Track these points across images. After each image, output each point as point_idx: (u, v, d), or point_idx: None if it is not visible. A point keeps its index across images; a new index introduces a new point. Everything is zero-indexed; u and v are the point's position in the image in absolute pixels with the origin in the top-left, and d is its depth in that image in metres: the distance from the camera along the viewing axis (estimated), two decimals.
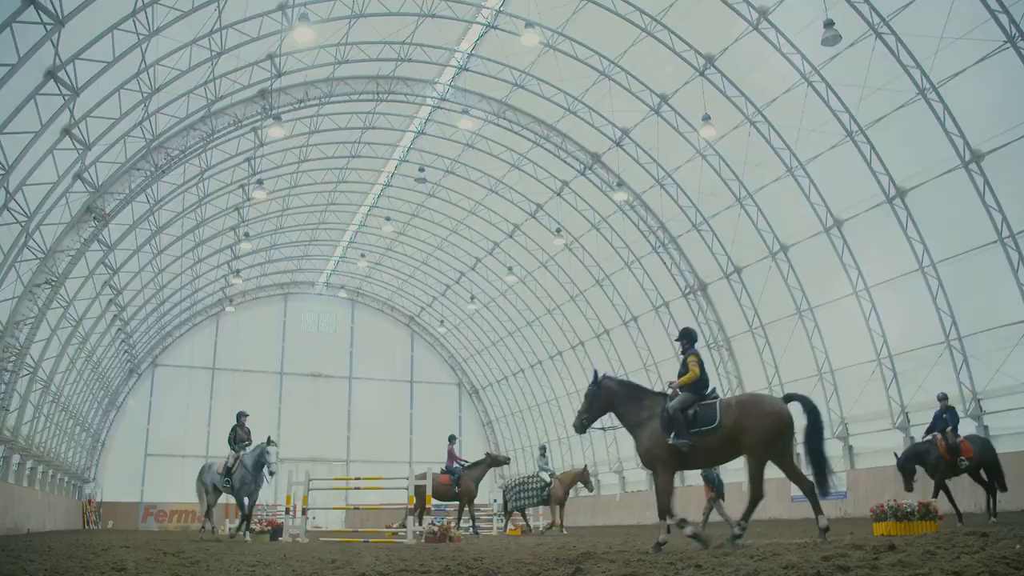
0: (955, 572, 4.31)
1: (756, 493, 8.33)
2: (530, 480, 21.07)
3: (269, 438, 15.72)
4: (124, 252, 27.15)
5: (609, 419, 9.00)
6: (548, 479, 20.65)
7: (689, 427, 8.09)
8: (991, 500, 14.12)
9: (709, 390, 8.52)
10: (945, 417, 13.86)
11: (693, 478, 31.10)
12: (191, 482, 17.43)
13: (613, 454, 35.91)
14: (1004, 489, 13.95)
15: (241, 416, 16.80)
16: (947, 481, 13.62)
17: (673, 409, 8.22)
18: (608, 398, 8.85)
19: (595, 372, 9.08)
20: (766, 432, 7.94)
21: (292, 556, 9.05)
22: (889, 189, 20.83)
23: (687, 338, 8.90)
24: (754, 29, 20.80)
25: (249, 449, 16.08)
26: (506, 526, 22.29)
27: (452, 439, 20.19)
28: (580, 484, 21.01)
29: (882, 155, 20.72)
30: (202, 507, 17.20)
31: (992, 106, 18.11)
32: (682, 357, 8.72)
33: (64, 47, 16.06)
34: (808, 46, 20.15)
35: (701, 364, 8.56)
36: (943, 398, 14.17)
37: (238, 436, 16.57)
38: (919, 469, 13.97)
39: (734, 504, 13.56)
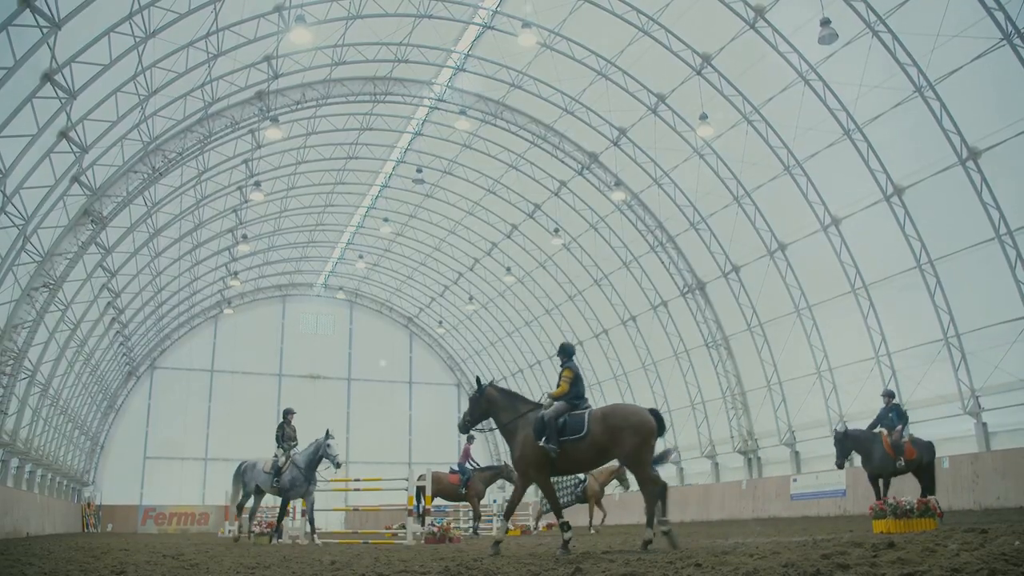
0: (954, 569, 4.32)
1: (652, 493, 8.51)
2: (565, 478, 20.40)
3: (328, 431, 15.25)
4: (122, 255, 27.12)
5: (490, 421, 9.55)
6: (583, 476, 20.06)
7: (559, 435, 8.62)
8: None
9: (583, 403, 8.98)
10: (891, 416, 13.80)
11: (680, 478, 31.16)
12: (190, 484, 17.24)
13: None
14: (932, 494, 13.64)
15: (288, 414, 16.00)
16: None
17: (547, 417, 8.76)
18: (489, 404, 9.36)
19: (478, 379, 9.67)
20: (632, 439, 8.38)
21: (292, 558, 9.05)
22: (886, 187, 20.85)
23: (564, 353, 9.39)
24: (751, 28, 20.81)
25: (301, 448, 15.46)
26: (536, 525, 21.80)
27: (471, 439, 20.06)
28: (615, 481, 20.37)
29: (879, 153, 20.74)
30: (233, 506, 16.53)
31: (989, 103, 18.14)
32: (559, 370, 9.22)
33: (61, 50, 16.03)
34: (805, 44, 20.18)
35: (574, 379, 9.03)
36: (889, 395, 14.18)
37: (286, 434, 15.68)
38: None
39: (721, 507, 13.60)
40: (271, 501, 32.87)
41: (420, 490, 15.55)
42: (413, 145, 31.68)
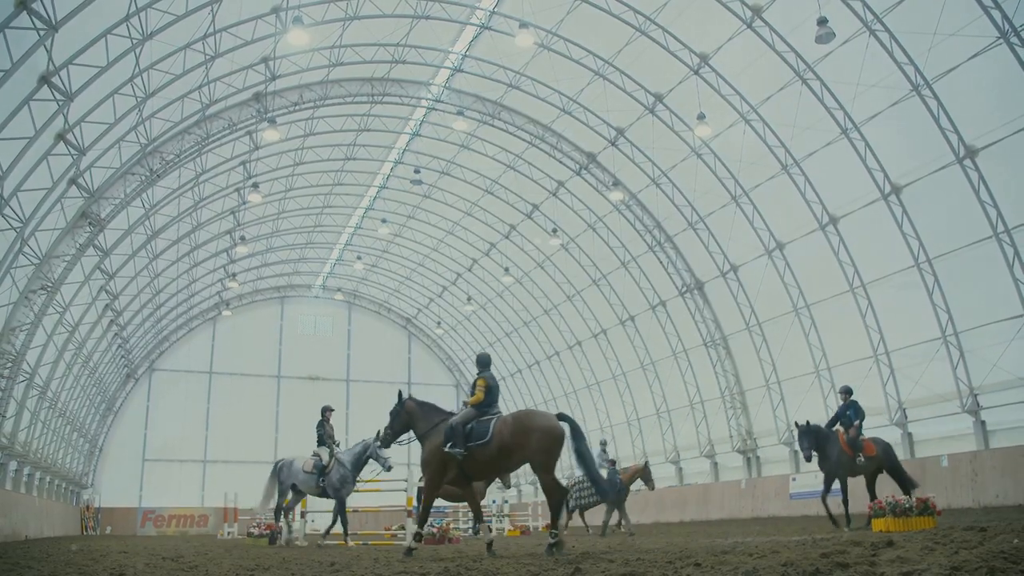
0: (953, 567, 4.32)
1: (556, 497, 8.83)
2: (587, 479, 20.28)
3: (378, 433, 14.94)
4: (120, 257, 27.10)
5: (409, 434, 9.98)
6: (607, 476, 19.47)
7: (466, 440, 8.98)
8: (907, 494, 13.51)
9: (492, 410, 9.27)
10: (848, 414, 13.32)
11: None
12: (189, 486, 16.99)
13: (612, 453, 35.86)
14: (915, 486, 13.36)
15: (327, 411, 15.60)
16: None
17: (454, 423, 9.14)
18: (408, 416, 9.79)
19: (399, 393, 10.05)
20: (539, 445, 8.61)
21: (291, 560, 9.04)
22: (884, 186, 20.87)
23: (479, 364, 9.73)
24: (748, 27, 20.83)
25: (346, 447, 15.18)
26: (565, 524, 21.43)
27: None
28: (641, 481, 19.60)
29: (877, 152, 20.76)
30: (265, 507, 16.10)
31: (986, 102, 18.15)
32: (473, 380, 9.61)
33: (58, 52, 16.01)
34: (802, 44, 20.20)
35: (487, 387, 9.33)
36: (846, 392, 13.70)
37: (327, 432, 15.29)
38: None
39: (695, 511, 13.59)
40: (255, 501, 32.85)
41: (420, 491, 15.53)
42: (411, 146, 31.67)
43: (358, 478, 15.22)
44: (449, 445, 8.99)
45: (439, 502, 20.23)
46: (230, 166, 28.42)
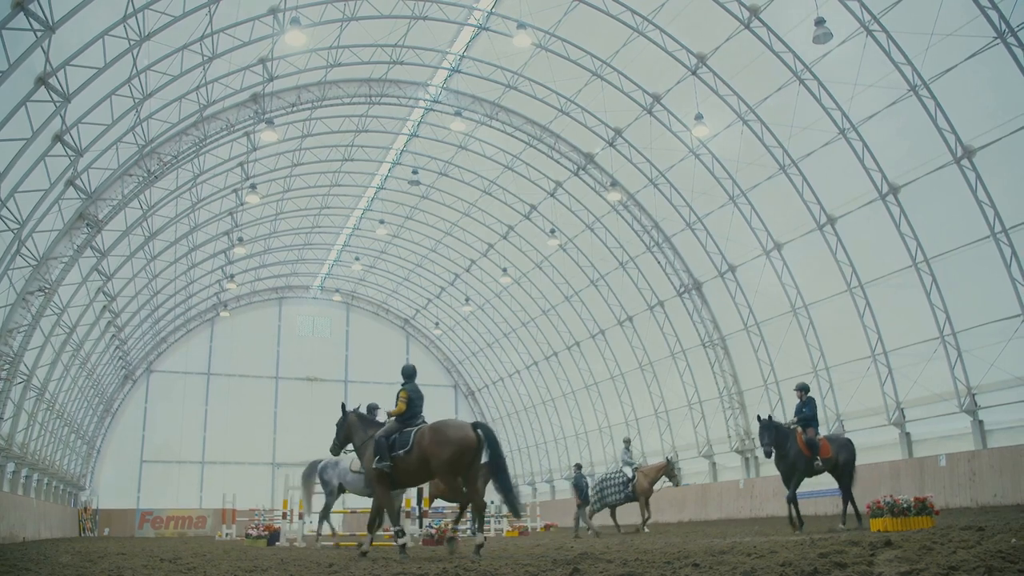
0: (951, 567, 4.32)
1: (477, 503, 9.30)
2: (613, 476, 19.93)
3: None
4: (118, 258, 27.07)
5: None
6: (631, 474, 19.55)
7: (391, 451, 9.44)
8: (846, 505, 13.34)
9: (415, 421, 9.69)
10: (805, 411, 12.99)
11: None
12: (187, 488, 16.77)
13: (610, 453, 35.91)
14: (850, 495, 13.19)
15: (374, 409, 14.88)
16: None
17: (379, 436, 9.64)
18: (349, 428, 10.32)
19: (343, 406, 10.60)
20: (450, 454, 8.96)
21: (290, 561, 9.03)
22: (882, 185, 20.88)
23: (404, 375, 10.19)
24: (746, 27, 20.84)
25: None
26: (587, 526, 21.11)
27: None
28: (665, 478, 19.66)
29: (874, 152, 20.78)
30: (308, 507, 15.60)
31: (983, 102, 18.18)
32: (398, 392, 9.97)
33: (55, 53, 15.99)
34: (799, 44, 20.22)
35: (409, 399, 9.77)
36: (803, 388, 13.39)
37: None
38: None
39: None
40: (267, 505, 32.77)
41: (420, 492, 15.54)
42: (409, 147, 31.66)
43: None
44: (377, 459, 9.47)
45: (438, 503, 20.27)
46: (228, 167, 28.40)
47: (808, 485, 23.49)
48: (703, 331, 29.12)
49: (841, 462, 12.93)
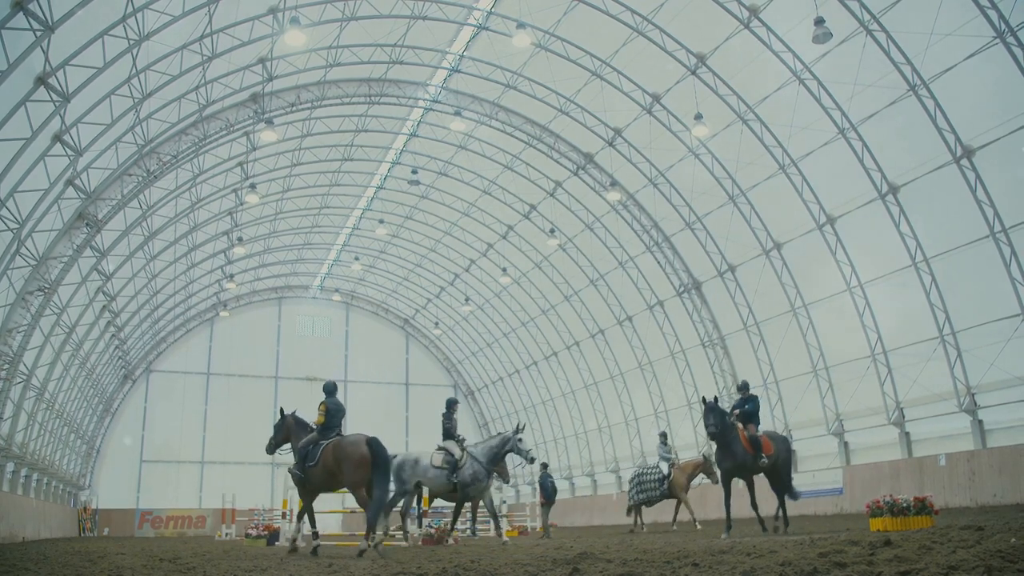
0: (951, 566, 4.32)
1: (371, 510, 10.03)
2: (649, 472, 19.45)
3: (519, 426, 14.31)
4: (117, 258, 27.06)
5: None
6: (667, 470, 19.00)
7: (305, 461, 10.44)
8: (783, 505, 12.77)
9: (331, 433, 10.52)
10: (747, 408, 12.43)
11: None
12: (187, 488, 16.51)
13: (609, 453, 35.94)
14: (784, 495, 12.62)
15: (453, 404, 14.84)
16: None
17: (300, 445, 10.65)
18: (287, 431, 11.12)
19: (281, 410, 11.38)
20: (347, 468, 10.00)
21: (289, 561, 9.03)
22: (881, 185, 20.89)
23: (325, 390, 11.02)
24: (745, 27, 20.84)
25: (477, 441, 14.61)
26: (636, 523, 20.30)
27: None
28: (703, 475, 19.27)
29: (874, 151, 20.78)
30: (389, 509, 14.95)
31: (983, 101, 18.19)
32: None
33: (54, 53, 15.98)
34: (799, 44, 20.21)
35: (327, 411, 10.58)
36: (743, 387, 12.90)
37: (454, 426, 14.48)
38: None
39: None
40: (267, 505, 32.78)
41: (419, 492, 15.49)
42: (408, 146, 31.65)
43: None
44: (293, 466, 10.62)
45: (438, 502, 20.27)
46: (227, 167, 28.39)
47: (806, 485, 23.65)
48: (703, 331, 29.12)
49: (780, 460, 12.39)
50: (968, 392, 20.08)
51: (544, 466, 20.70)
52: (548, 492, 18.66)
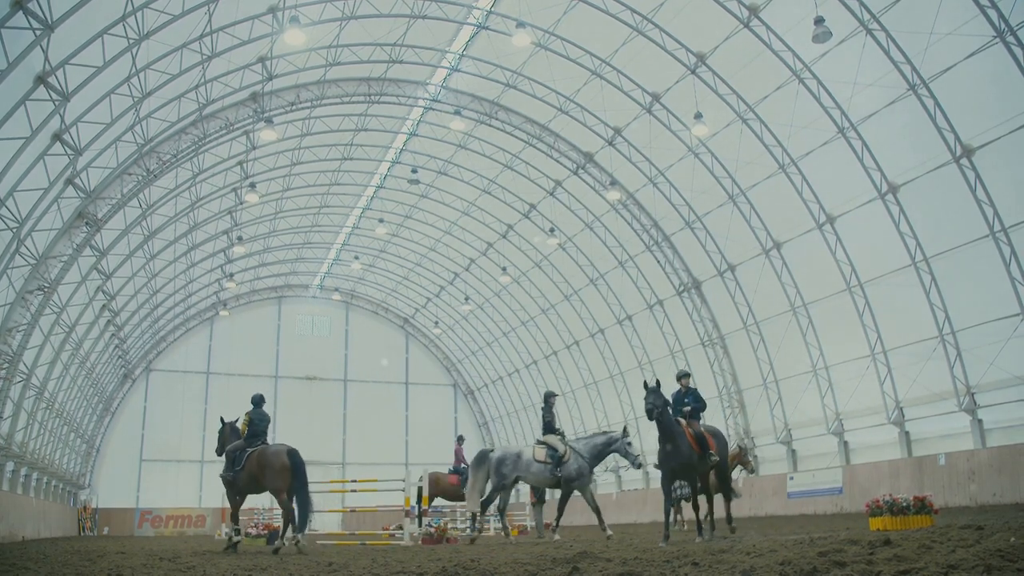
0: (950, 566, 4.33)
1: (286, 512, 11.32)
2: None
3: (626, 428, 14.21)
4: (117, 257, 27.04)
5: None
6: None
7: (233, 465, 11.71)
8: (728, 503, 12.10)
9: (257, 441, 11.75)
10: (687, 401, 11.43)
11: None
12: (187, 487, 16.40)
13: None
14: (728, 495, 11.92)
15: (551, 397, 14.70)
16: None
17: (229, 450, 11.97)
18: (225, 436, 12.54)
19: (221, 419, 12.75)
20: (269, 475, 11.30)
21: (289, 560, 9.03)
22: (881, 185, 20.89)
23: (252, 401, 12.21)
24: (745, 27, 20.84)
25: (579, 436, 14.42)
26: (675, 520, 19.07)
27: (461, 440, 19.91)
28: (739, 466, 18.44)
29: (874, 151, 20.78)
30: (475, 501, 14.48)
31: (982, 101, 18.18)
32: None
33: (54, 52, 15.97)
34: (799, 43, 20.21)
35: (250, 421, 11.85)
36: (684, 376, 11.98)
37: (554, 420, 14.29)
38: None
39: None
40: (266, 504, 32.80)
41: (420, 491, 15.52)
42: (408, 146, 31.65)
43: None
44: (224, 469, 11.89)
45: (438, 502, 20.30)
46: (227, 166, 28.38)
47: (806, 485, 23.67)
48: (702, 330, 29.12)
49: (721, 456, 11.51)
50: (968, 391, 20.09)
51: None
52: (539, 491, 18.44)
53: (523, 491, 43.05)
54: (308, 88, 25.48)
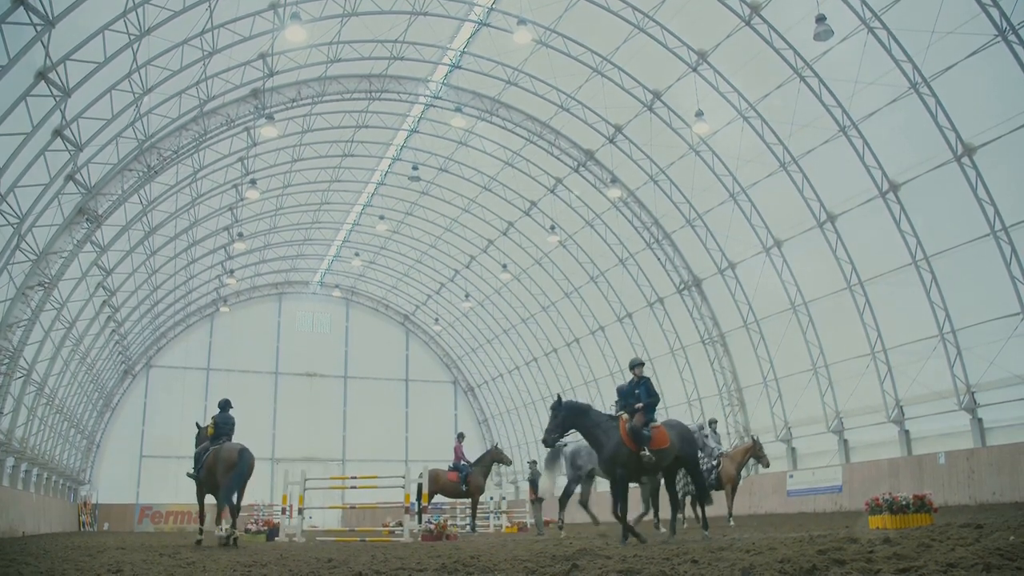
0: (950, 564, 4.33)
1: (231, 507, 12.08)
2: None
3: (711, 421, 14.08)
4: (117, 253, 27.04)
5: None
6: (716, 461, 17.90)
7: (196, 464, 12.75)
8: (701, 508, 11.07)
9: (218, 442, 12.59)
10: (637, 394, 10.30)
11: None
12: (187, 483, 16.34)
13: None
14: (702, 501, 10.95)
15: (227, 405, 15.26)
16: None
17: (197, 452, 12.94)
18: (200, 439, 13.29)
19: (197, 424, 13.59)
20: (220, 471, 12.05)
21: (289, 556, 9.04)
22: (882, 183, 20.87)
23: (219, 406, 13.11)
24: (747, 24, 20.81)
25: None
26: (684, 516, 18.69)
27: (460, 437, 19.92)
28: (753, 460, 18.32)
29: (875, 149, 20.76)
30: (551, 492, 14.31)
31: (984, 99, 18.16)
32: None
33: (55, 48, 15.96)
34: (801, 41, 20.19)
35: (216, 425, 12.77)
36: (636, 364, 10.65)
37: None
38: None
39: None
40: (267, 500, 32.79)
41: (419, 487, 15.55)
42: (409, 143, 31.64)
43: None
44: (192, 469, 12.88)
45: (438, 498, 20.32)
46: (228, 162, 28.37)
47: (806, 484, 23.69)
48: (703, 328, 29.13)
49: (685, 455, 10.42)
50: (968, 390, 20.09)
51: (532, 463, 20.60)
52: (539, 488, 18.59)
53: (523, 489, 43.11)
54: (309, 85, 25.47)
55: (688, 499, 16.51)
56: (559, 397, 10.25)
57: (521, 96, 27.60)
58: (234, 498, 11.97)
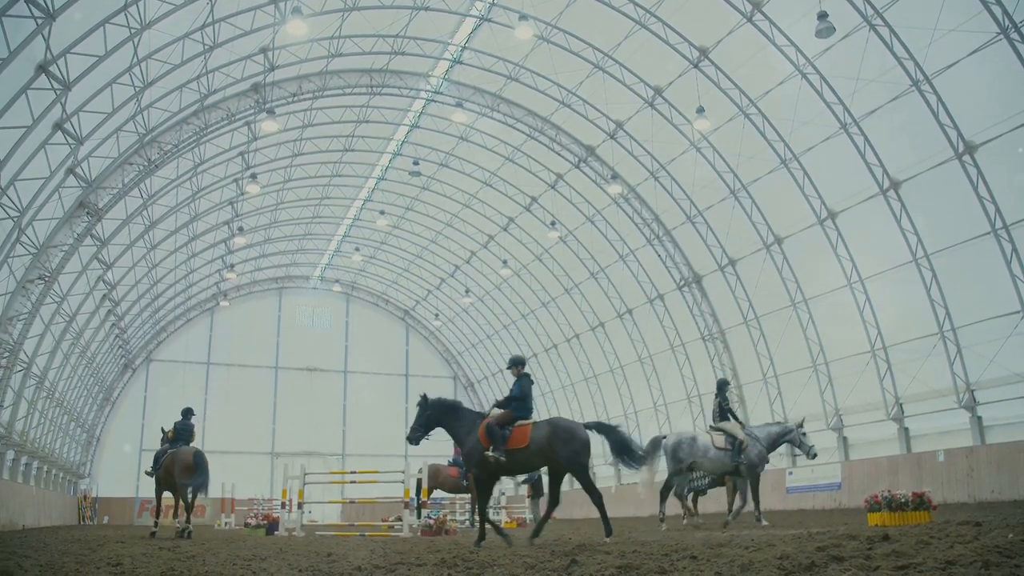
0: (948, 561, 4.34)
1: (186, 503, 14.25)
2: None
3: (803, 421, 14.15)
4: (118, 247, 27.05)
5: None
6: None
7: (155, 464, 14.34)
8: (603, 512, 9.39)
9: (177, 445, 14.23)
10: (513, 391, 9.85)
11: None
12: None
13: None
14: (600, 507, 9.24)
15: (725, 386, 14.35)
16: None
17: (157, 453, 14.56)
18: (163, 441, 14.87)
19: (162, 428, 15.03)
20: (177, 471, 13.86)
21: (288, 550, 9.05)
22: (883, 181, 20.86)
23: (181, 413, 14.59)
24: (748, 21, 20.78)
25: (754, 425, 14.27)
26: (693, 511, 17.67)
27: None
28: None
29: (876, 147, 20.74)
30: (650, 487, 14.34)
31: (985, 98, 18.15)
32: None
33: (55, 41, 15.95)
34: (802, 38, 20.16)
35: (176, 430, 14.35)
36: (516, 363, 10.27)
37: (729, 407, 13.94)
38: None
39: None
40: (266, 495, 32.81)
41: (419, 483, 15.58)
42: (410, 138, 31.60)
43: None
44: (150, 468, 14.51)
45: (438, 493, 20.34)
46: (228, 157, 28.35)
47: (805, 481, 23.69)
48: (703, 325, 29.13)
49: (561, 456, 9.25)
50: (967, 388, 20.10)
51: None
52: (537, 484, 18.74)
53: (522, 486, 43.16)
54: (310, 79, 25.44)
55: (690, 496, 16.72)
56: (424, 396, 10.19)
57: (522, 92, 27.57)
58: (188, 495, 14.19)
